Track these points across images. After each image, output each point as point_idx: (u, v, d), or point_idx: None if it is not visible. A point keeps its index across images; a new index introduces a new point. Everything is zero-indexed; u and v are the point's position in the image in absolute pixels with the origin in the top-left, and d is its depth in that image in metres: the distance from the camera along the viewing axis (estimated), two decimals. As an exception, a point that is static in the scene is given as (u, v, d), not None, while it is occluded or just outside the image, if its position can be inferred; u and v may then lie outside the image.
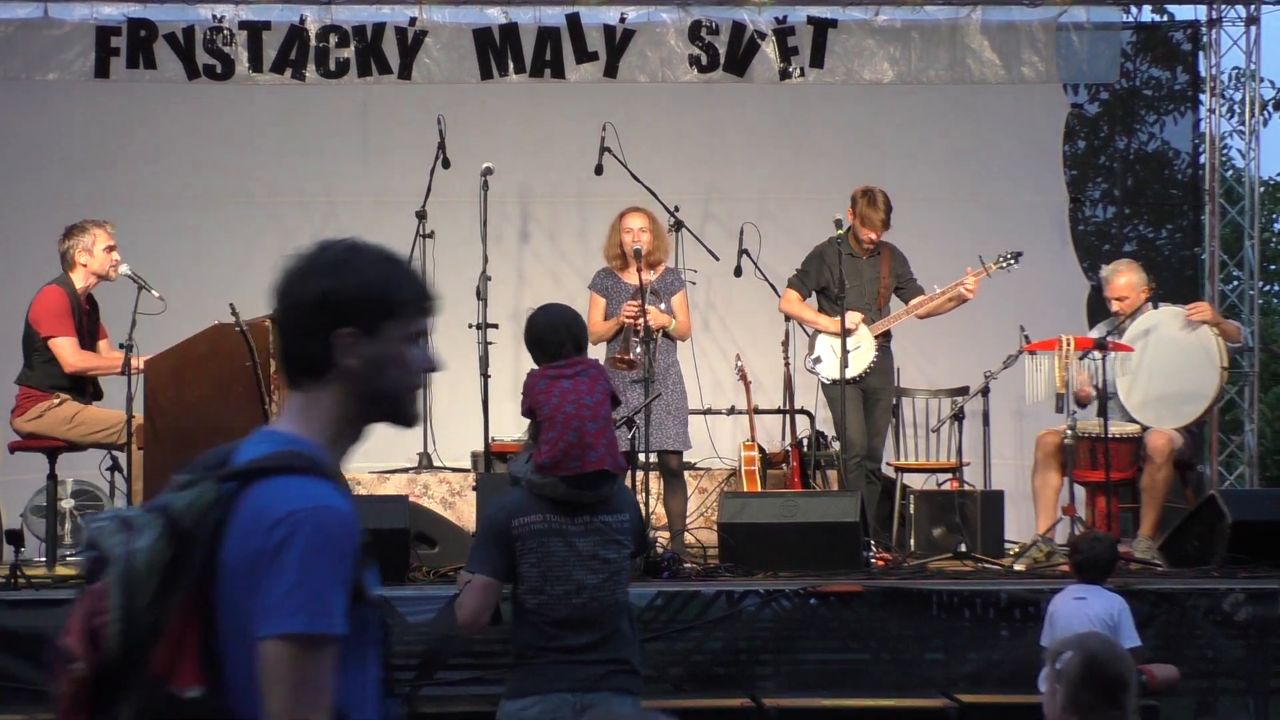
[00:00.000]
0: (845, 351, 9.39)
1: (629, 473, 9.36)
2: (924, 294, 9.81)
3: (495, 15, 12.04)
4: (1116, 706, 4.34)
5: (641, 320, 9.10)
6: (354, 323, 2.77)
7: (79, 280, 8.78)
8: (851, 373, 9.51)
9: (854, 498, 8.60)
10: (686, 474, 10.01)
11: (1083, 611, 6.93)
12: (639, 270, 9.23)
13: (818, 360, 9.72)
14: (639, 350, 9.16)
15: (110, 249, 8.80)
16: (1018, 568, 8.83)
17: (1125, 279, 9.53)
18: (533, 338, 5.65)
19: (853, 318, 9.55)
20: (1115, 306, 9.55)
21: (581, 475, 5.32)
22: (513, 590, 5.38)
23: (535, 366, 5.64)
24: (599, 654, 5.27)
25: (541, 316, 5.73)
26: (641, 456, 9.11)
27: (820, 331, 9.73)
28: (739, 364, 10.68)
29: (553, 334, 5.63)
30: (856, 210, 9.65)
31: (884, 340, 9.80)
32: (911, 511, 9.64)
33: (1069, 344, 9.12)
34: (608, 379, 5.62)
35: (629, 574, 5.45)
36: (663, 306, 9.33)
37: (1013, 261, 9.79)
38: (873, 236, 9.65)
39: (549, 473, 5.33)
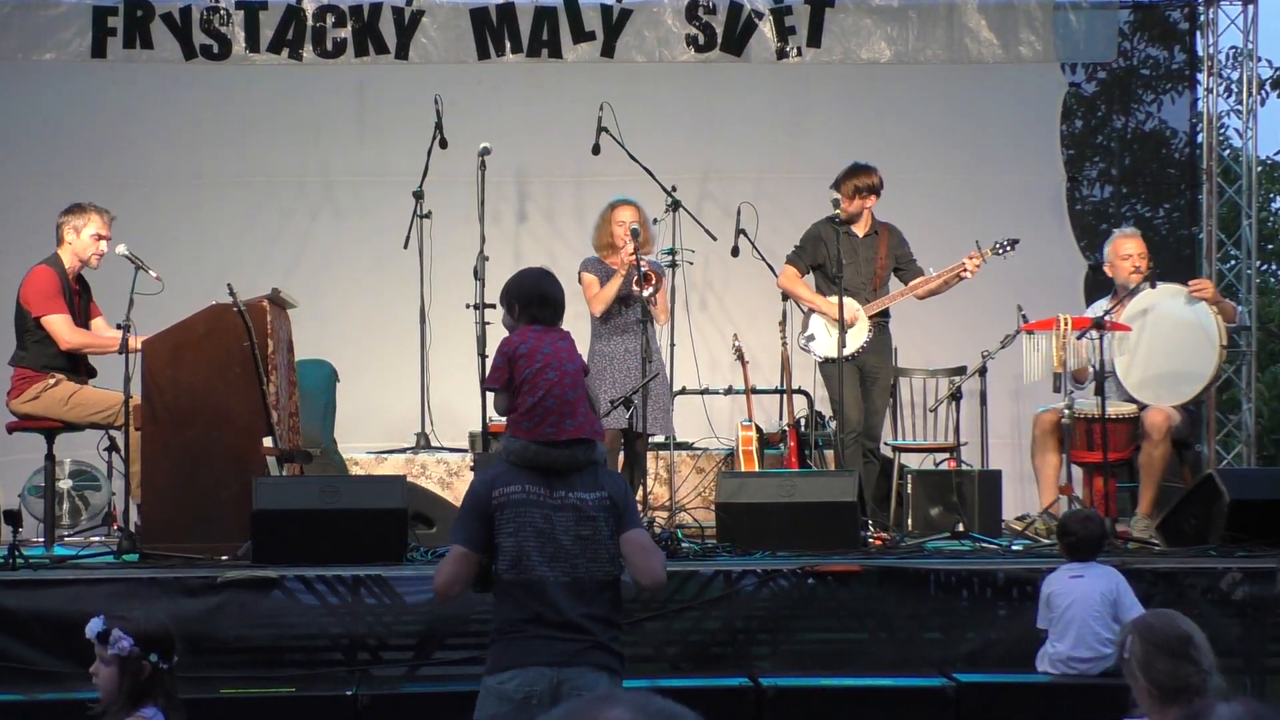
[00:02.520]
0: (843, 332, 9.38)
1: (623, 452, 9.43)
2: (923, 275, 9.81)
3: (492, -5, 12.03)
4: (1190, 661, 4.35)
5: (643, 261, 9.16)
6: None
7: (66, 259, 8.77)
8: (845, 351, 9.49)
9: (852, 477, 8.59)
10: (684, 454, 9.99)
11: (1082, 589, 6.94)
12: (635, 250, 9.30)
13: (811, 338, 9.72)
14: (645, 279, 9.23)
15: (99, 237, 8.78)
16: (1019, 529, 9.01)
17: (1135, 243, 9.52)
18: (535, 295, 5.56)
19: (850, 309, 9.53)
20: (1128, 269, 9.47)
21: (558, 441, 5.31)
22: (494, 563, 5.38)
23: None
24: (577, 630, 5.22)
25: (544, 277, 5.69)
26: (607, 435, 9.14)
27: (815, 311, 9.73)
28: (736, 344, 10.68)
29: (556, 295, 5.61)
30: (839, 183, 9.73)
31: (881, 319, 9.80)
32: (909, 491, 9.64)
33: (1067, 323, 9.12)
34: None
35: (612, 551, 5.32)
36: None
37: (1009, 248, 9.76)
38: (845, 206, 9.64)
39: (524, 435, 5.32)
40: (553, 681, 5.17)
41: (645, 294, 9.29)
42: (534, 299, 5.57)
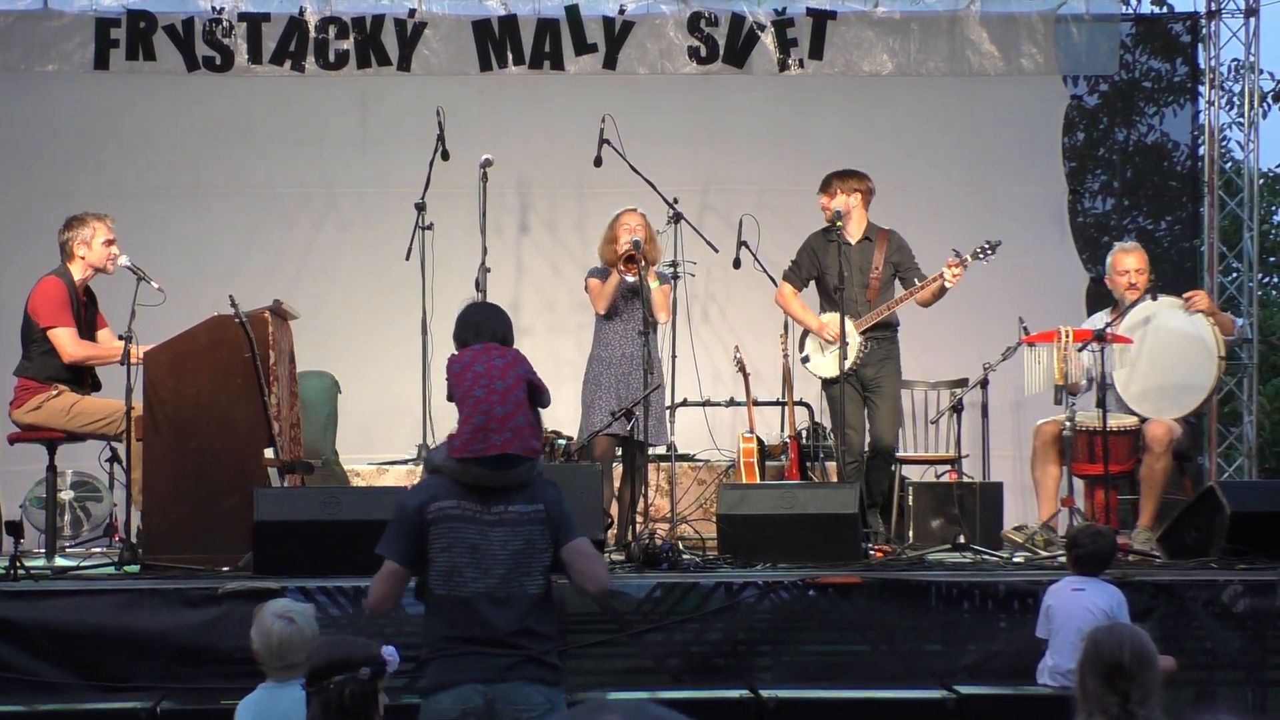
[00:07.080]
0: (843, 352, 9.35)
1: (629, 463, 9.42)
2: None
3: (494, 7, 12.04)
4: (1114, 691, 4.35)
5: (637, 253, 9.19)
6: None
7: (77, 272, 8.79)
8: (838, 370, 9.41)
9: (853, 489, 8.59)
10: (685, 465, 9.98)
11: (1082, 603, 6.94)
12: (638, 263, 9.27)
13: (806, 358, 9.71)
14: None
15: (109, 242, 8.81)
16: (1017, 539, 9.01)
17: (1135, 258, 9.51)
18: (460, 323, 5.74)
19: (832, 327, 9.47)
20: (1125, 284, 9.46)
21: (486, 458, 5.33)
22: (425, 578, 5.38)
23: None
24: (508, 645, 5.26)
25: (471, 306, 5.91)
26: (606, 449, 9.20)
27: (808, 330, 9.69)
28: (738, 356, 10.68)
29: (476, 317, 5.74)
30: None
31: (885, 332, 9.68)
32: (910, 503, 9.64)
33: (1068, 336, 9.12)
34: (529, 369, 5.61)
35: (546, 564, 5.39)
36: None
37: (990, 252, 9.57)
38: (828, 203, 9.64)
39: (456, 454, 5.36)
40: (486, 697, 5.22)
41: (630, 279, 9.29)
42: (461, 326, 5.73)
